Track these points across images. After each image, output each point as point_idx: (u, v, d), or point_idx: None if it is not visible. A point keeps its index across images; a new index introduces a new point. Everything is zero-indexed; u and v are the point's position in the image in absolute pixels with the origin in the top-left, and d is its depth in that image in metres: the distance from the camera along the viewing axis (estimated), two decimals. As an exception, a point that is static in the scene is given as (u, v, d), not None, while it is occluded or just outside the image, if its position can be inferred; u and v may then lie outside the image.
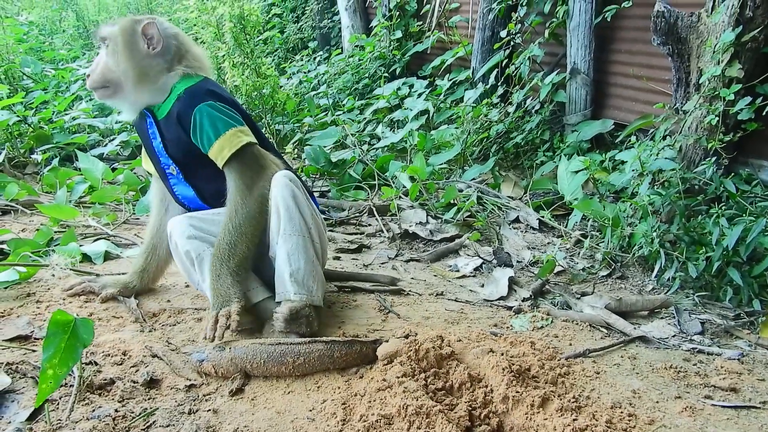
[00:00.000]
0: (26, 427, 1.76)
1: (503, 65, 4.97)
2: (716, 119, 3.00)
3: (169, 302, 2.57)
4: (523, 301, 2.75)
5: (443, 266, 3.22)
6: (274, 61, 7.91)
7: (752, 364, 2.24)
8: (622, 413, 1.82)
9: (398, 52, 6.69)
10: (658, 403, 1.92)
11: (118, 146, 4.91)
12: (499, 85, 4.96)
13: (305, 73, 7.39)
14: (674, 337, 2.49)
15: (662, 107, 3.38)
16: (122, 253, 3.07)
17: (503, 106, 4.80)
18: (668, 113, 3.36)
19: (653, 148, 3.20)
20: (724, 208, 2.80)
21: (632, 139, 3.51)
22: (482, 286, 2.95)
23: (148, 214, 3.41)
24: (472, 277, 3.08)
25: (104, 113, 5.59)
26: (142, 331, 2.32)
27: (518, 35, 4.84)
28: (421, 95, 5.69)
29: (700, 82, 3.14)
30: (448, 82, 5.68)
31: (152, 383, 2.00)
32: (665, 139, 3.30)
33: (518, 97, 4.67)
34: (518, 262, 3.23)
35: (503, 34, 4.93)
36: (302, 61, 7.94)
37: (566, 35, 4.51)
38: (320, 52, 8.03)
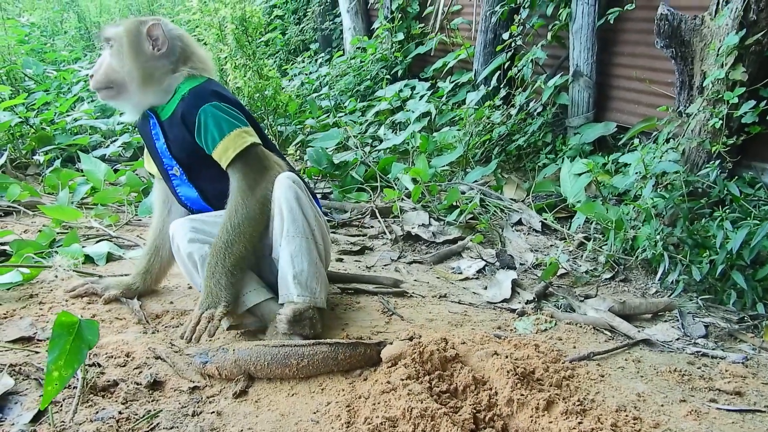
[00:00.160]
0: (30, 429, 1.75)
1: (505, 67, 4.98)
2: (720, 122, 3.00)
3: (172, 304, 2.56)
4: (526, 303, 2.74)
5: (446, 268, 3.21)
6: (275, 62, 7.92)
7: (756, 367, 2.24)
8: (627, 416, 1.81)
9: (400, 54, 6.69)
10: (663, 406, 1.91)
11: (120, 147, 4.91)
12: (501, 87, 4.96)
13: (307, 74, 7.40)
14: (678, 340, 2.49)
15: (665, 110, 3.38)
16: (125, 254, 3.06)
17: (506, 108, 4.80)
18: (671, 116, 3.37)
19: (656, 150, 3.20)
20: (728, 211, 2.79)
21: (635, 141, 3.51)
22: (485, 288, 2.94)
23: (150, 215, 3.41)
24: (474, 279, 3.08)
25: (106, 114, 5.59)
26: (145, 332, 2.32)
27: (520, 38, 4.84)
28: (423, 97, 5.69)
29: (703, 85, 3.14)
30: (450, 84, 5.69)
31: (156, 385, 1.99)
32: (668, 142, 3.29)
33: (521, 99, 4.67)
34: (521, 264, 3.23)
35: (505, 36, 4.93)
36: (303, 62, 7.95)
37: (569, 38, 4.51)
38: (322, 53, 8.03)
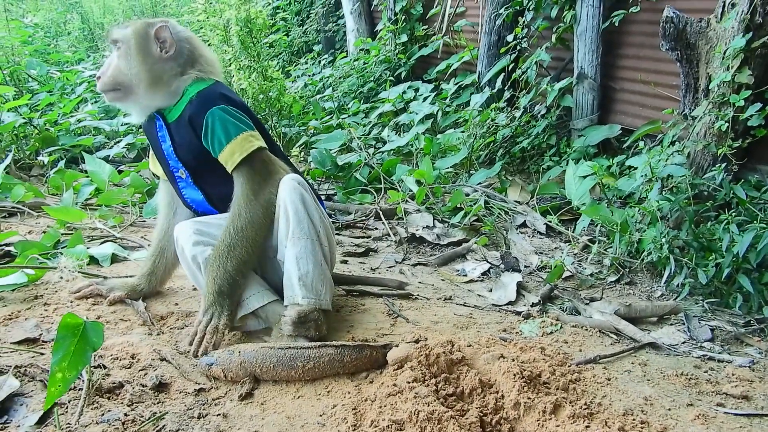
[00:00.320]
0: (36, 430, 1.75)
1: (509, 70, 4.97)
2: (726, 125, 2.99)
3: (176, 305, 2.56)
4: (531, 306, 2.73)
5: (451, 270, 3.21)
6: (279, 64, 7.92)
7: (763, 371, 2.23)
8: (634, 420, 1.80)
9: (404, 55, 6.69)
10: (670, 410, 1.90)
11: (123, 148, 4.91)
12: (505, 89, 4.95)
13: (310, 76, 7.40)
14: (684, 343, 2.48)
15: (671, 113, 3.37)
16: (129, 255, 3.06)
17: (510, 110, 4.79)
18: (677, 119, 3.36)
19: (662, 153, 3.19)
20: (734, 214, 2.78)
21: (640, 144, 3.51)
22: (490, 290, 2.94)
23: (155, 217, 3.41)
24: (479, 281, 3.07)
25: (110, 115, 5.59)
26: (150, 334, 2.32)
27: (525, 40, 4.83)
28: (426, 99, 5.69)
29: (709, 87, 3.13)
30: (453, 86, 5.68)
31: (161, 387, 1.99)
32: (673, 144, 3.29)
33: (525, 101, 4.66)
34: (526, 266, 3.22)
35: (510, 38, 4.93)
36: (307, 64, 7.95)
37: (573, 40, 4.50)
38: (325, 55, 8.03)
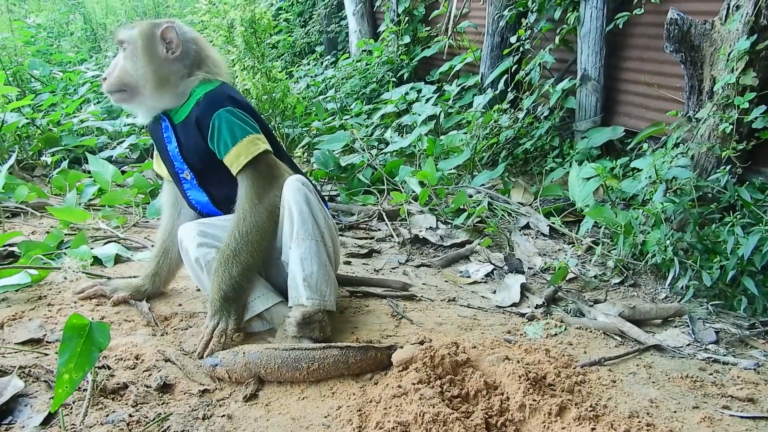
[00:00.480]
0: (40, 431, 1.75)
1: (512, 71, 4.97)
2: (730, 127, 2.99)
3: (180, 306, 2.56)
4: (536, 308, 2.73)
5: (454, 272, 3.20)
6: (281, 65, 7.93)
7: (769, 374, 2.23)
8: (640, 423, 1.79)
9: (406, 57, 6.68)
10: (675, 412, 1.90)
11: (126, 149, 4.91)
12: (508, 90, 4.95)
13: (312, 77, 7.40)
14: (689, 346, 2.47)
15: (675, 115, 3.36)
16: (133, 256, 3.06)
17: (513, 112, 4.79)
18: (681, 121, 3.35)
19: (666, 155, 3.19)
20: (738, 216, 2.78)
21: (644, 146, 3.51)
22: (494, 292, 2.94)
23: (158, 217, 3.41)
24: (483, 283, 3.07)
25: (113, 116, 5.59)
26: (154, 335, 2.31)
27: (528, 41, 4.83)
28: (429, 100, 5.69)
29: (713, 89, 3.13)
30: (456, 87, 5.68)
31: (165, 388, 1.98)
32: (677, 146, 3.28)
33: (528, 103, 4.66)
34: (529, 268, 3.22)
35: (513, 40, 4.93)
36: (309, 65, 7.95)
37: (577, 42, 4.50)
38: (327, 56, 8.04)
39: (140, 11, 9.76)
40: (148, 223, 3.61)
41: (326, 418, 1.84)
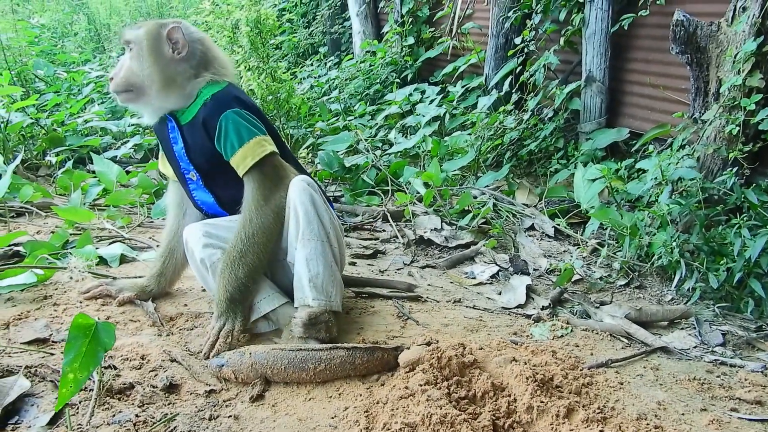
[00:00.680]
0: (47, 431, 1.74)
1: (517, 72, 4.96)
2: (737, 129, 2.98)
3: (186, 306, 2.55)
4: (542, 309, 2.72)
5: (459, 273, 3.20)
6: (285, 66, 7.93)
7: (776, 376, 2.22)
8: (648, 425, 1.79)
9: (410, 58, 6.68)
10: (684, 415, 1.89)
11: (131, 149, 4.91)
12: (513, 92, 4.94)
13: (316, 78, 7.40)
14: (696, 348, 2.46)
15: (681, 116, 3.35)
16: (138, 256, 3.05)
17: (517, 113, 4.79)
18: (686, 122, 3.34)
19: (672, 157, 3.18)
20: (745, 218, 2.77)
21: (650, 148, 3.50)
22: (500, 293, 2.93)
23: (163, 217, 3.41)
24: (488, 284, 3.06)
25: (117, 116, 5.60)
26: (159, 335, 2.31)
27: (533, 42, 4.82)
28: (433, 101, 5.68)
29: (720, 91, 3.12)
30: (460, 88, 5.68)
31: (172, 388, 1.98)
32: (683, 148, 3.27)
33: (532, 104, 4.66)
34: (535, 270, 3.21)
35: (517, 41, 4.92)
36: (312, 66, 7.95)
37: (581, 43, 4.50)
38: (331, 57, 8.04)
39: (144, 12, 9.77)
40: (152, 223, 3.61)
41: (333, 419, 1.83)
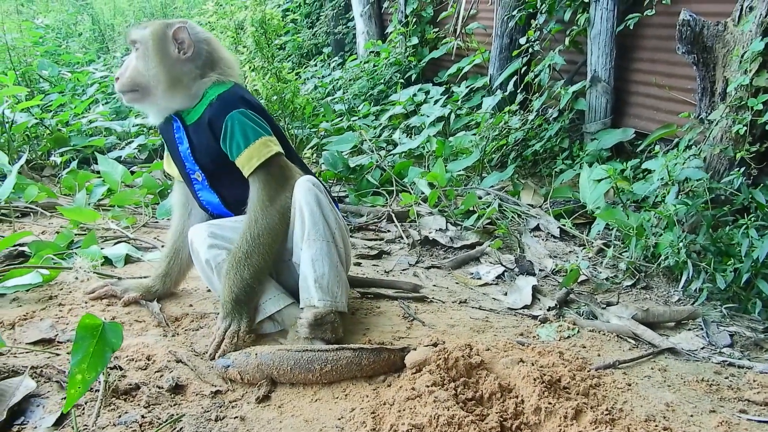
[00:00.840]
0: (53, 432, 1.74)
1: (522, 72, 4.95)
2: (744, 129, 2.96)
3: (191, 307, 2.55)
4: (548, 310, 2.71)
5: (465, 273, 3.19)
6: (289, 65, 7.94)
7: (785, 378, 2.20)
8: (657, 427, 1.78)
9: (414, 58, 6.67)
10: (692, 416, 1.88)
11: (135, 149, 4.91)
12: (518, 92, 4.93)
13: (319, 78, 7.40)
14: (703, 349, 2.45)
15: (687, 116, 3.34)
16: (143, 256, 3.05)
17: (522, 113, 4.77)
18: (692, 123, 3.33)
19: (678, 157, 3.17)
20: (753, 219, 2.76)
21: (656, 148, 3.48)
22: (505, 294, 2.92)
23: (169, 218, 3.41)
24: (494, 285, 3.05)
25: (121, 116, 5.60)
26: (165, 335, 2.30)
27: (537, 42, 4.81)
28: (437, 102, 5.67)
29: (726, 91, 3.10)
30: (465, 89, 5.67)
31: (177, 389, 1.97)
32: (689, 148, 3.26)
33: (537, 104, 4.64)
34: (540, 270, 3.20)
35: (522, 41, 4.91)
36: (316, 66, 7.95)
37: (587, 43, 4.48)
38: (335, 57, 8.03)
39: (148, 12, 9.78)
40: (157, 223, 3.61)
41: (340, 420, 1.82)
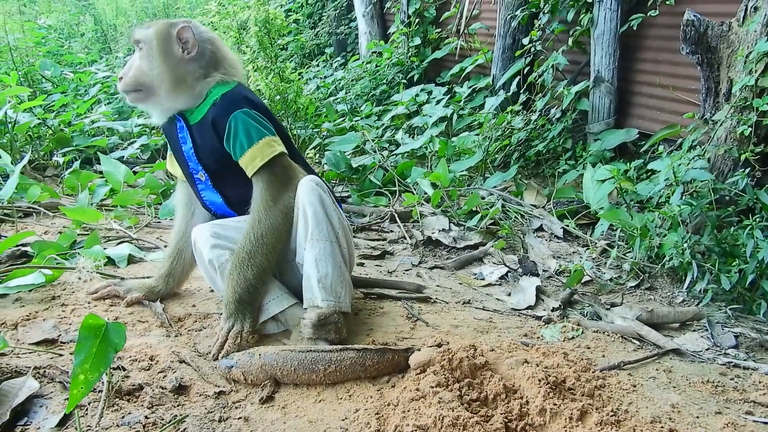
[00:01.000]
0: (56, 432, 1.73)
1: (525, 73, 4.94)
2: (749, 130, 2.95)
3: (194, 307, 2.54)
4: (552, 311, 2.70)
5: (468, 274, 3.18)
6: (292, 66, 7.94)
7: (791, 379, 2.19)
8: (662, 428, 1.77)
9: (416, 58, 6.67)
10: (698, 418, 1.87)
11: (137, 149, 4.91)
12: (521, 92, 4.92)
13: (322, 78, 7.39)
14: (708, 350, 2.44)
15: (692, 117, 3.33)
16: (145, 256, 3.04)
17: (525, 113, 4.76)
18: (697, 123, 3.32)
19: (682, 157, 3.16)
20: (758, 220, 2.74)
21: (660, 148, 3.47)
22: (509, 294, 2.91)
23: (171, 218, 3.40)
24: (497, 285, 3.04)
25: (123, 117, 5.60)
26: (168, 336, 2.30)
27: (540, 43, 4.80)
28: (439, 102, 5.67)
29: (731, 91, 3.09)
30: (467, 89, 5.66)
31: (181, 389, 1.96)
32: (693, 149, 3.25)
33: (540, 104, 4.63)
34: (544, 271, 3.19)
35: (525, 41, 4.90)
36: (318, 66, 7.95)
37: (590, 43, 4.47)
38: (337, 58, 8.03)
39: (150, 12, 9.79)
40: (160, 223, 3.60)
41: (344, 421, 1.81)
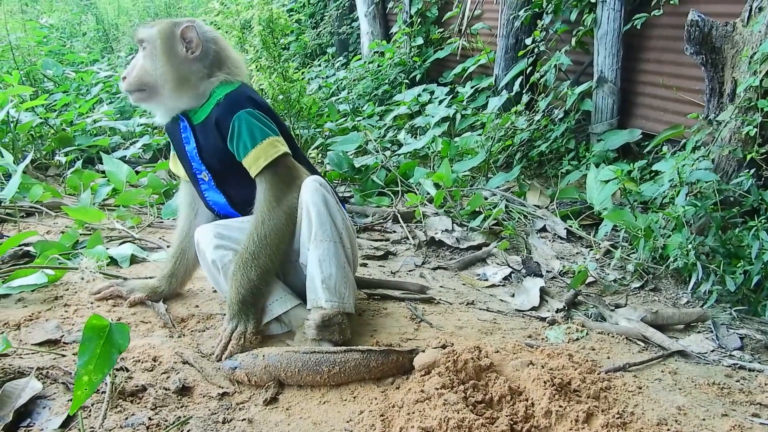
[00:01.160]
0: (60, 433, 1.73)
1: (527, 73, 4.93)
2: (754, 130, 2.94)
3: (197, 307, 2.53)
4: (556, 312, 2.69)
5: (471, 275, 3.17)
6: (294, 65, 7.94)
7: (797, 381, 2.18)
8: (669, 430, 1.76)
9: (419, 58, 6.66)
10: (704, 420, 1.86)
11: (140, 149, 4.90)
12: (523, 92, 4.91)
13: (324, 78, 7.39)
14: (713, 352, 2.43)
15: (696, 117, 3.32)
16: (148, 256, 3.04)
17: (528, 114, 4.76)
18: (701, 123, 3.31)
19: (687, 158, 3.15)
20: (763, 220, 2.73)
21: (664, 149, 3.46)
22: (513, 295, 2.90)
23: (174, 218, 3.39)
24: (501, 286, 3.03)
25: (125, 116, 5.59)
26: (171, 336, 2.29)
27: (543, 43, 4.79)
28: (442, 102, 5.66)
29: (736, 92, 3.08)
30: (470, 89, 5.65)
31: (184, 391, 1.95)
32: (697, 150, 3.24)
33: (543, 105, 4.62)
34: (548, 271, 3.18)
35: (528, 41, 4.89)
36: (320, 66, 7.94)
37: (593, 43, 4.46)
38: (339, 57, 8.02)
39: (152, 12, 9.78)
40: (162, 223, 3.59)
41: (348, 422, 1.80)
